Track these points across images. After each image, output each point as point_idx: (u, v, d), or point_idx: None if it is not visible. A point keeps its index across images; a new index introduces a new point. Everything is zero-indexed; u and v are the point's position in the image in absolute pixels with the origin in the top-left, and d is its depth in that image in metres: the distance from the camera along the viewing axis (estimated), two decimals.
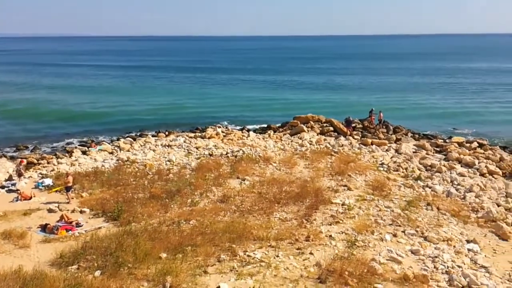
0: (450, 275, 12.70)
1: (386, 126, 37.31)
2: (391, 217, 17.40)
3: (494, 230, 17.18)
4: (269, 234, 14.83)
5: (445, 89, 69.66)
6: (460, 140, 32.72)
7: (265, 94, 64.96)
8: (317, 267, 12.65)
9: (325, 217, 17.06)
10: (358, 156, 27.50)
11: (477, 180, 23.90)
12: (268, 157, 25.80)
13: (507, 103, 56.35)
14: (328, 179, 22.29)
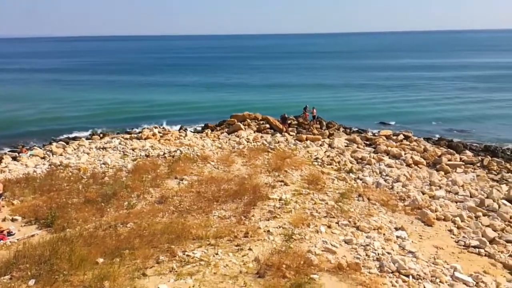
0: (380, 262, 13.22)
1: (320, 122, 38.22)
2: (326, 209, 17.85)
3: (419, 217, 18.09)
4: (208, 233, 14.79)
5: (374, 85, 72.27)
6: (387, 133, 34.13)
7: (202, 94, 64.69)
8: (256, 262, 12.77)
9: (263, 212, 17.23)
10: (294, 152, 27.98)
11: (403, 170, 25.05)
12: (206, 156, 25.70)
13: (430, 97, 59.45)
14: (266, 176, 22.52)
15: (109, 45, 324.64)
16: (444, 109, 51.34)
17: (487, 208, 19.86)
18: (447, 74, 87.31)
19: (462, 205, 20.08)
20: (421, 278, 12.50)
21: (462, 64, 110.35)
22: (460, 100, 57.33)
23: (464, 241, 16.20)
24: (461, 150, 30.87)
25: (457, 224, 17.86)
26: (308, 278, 11.90)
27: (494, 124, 43.12)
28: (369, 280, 12.06)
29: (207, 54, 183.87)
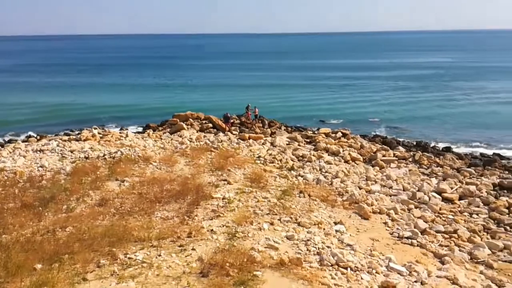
0: (320, 256, 13.54)
1: (262, 121, 38.54)
2: (268, 206, 18.02)
3: (357, 211, 18.70)
4: (151, 234, 14.55)
5: (313, 85, 73.80)
6: (326, 131, 34.96)
7: (143, 94, 63.69)
8: (199, 262, 12.71)
9: (207, 212, 17.17)
10: (237, 151, 28.04)
11: (342, 166, 25.77)
12: (147, 157, 25.24)
13: (366, 96, 61.54)
14: (209, 175, 22.44)
15: (38, 44, 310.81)
16: (379, 107, 53.25)
17: (418, 201, 20.83)
18: (381, 74, 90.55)
19: (396, 199, 20.94)
20: (359, 270, 12.93)
21: (395, 64, 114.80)
22: (393, 99, 59.70)
23: (398, 233, 16.92)
24: (394, 146, 32.15)
25: (392, 216, 18.61)
26: (251, 275, 12.00)
27: (424, 121, 45.20)
28: (310, 274, 12.32)
29: (147, 54, 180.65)
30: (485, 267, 14.84)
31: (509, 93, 61.32)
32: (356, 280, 12.35)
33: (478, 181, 24.56)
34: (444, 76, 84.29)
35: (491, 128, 41.32)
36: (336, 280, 12.24)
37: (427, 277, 13.02)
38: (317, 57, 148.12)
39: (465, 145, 36.13)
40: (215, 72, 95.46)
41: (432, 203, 20.58)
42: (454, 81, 75.83)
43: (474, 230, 18.01)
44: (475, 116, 47.21)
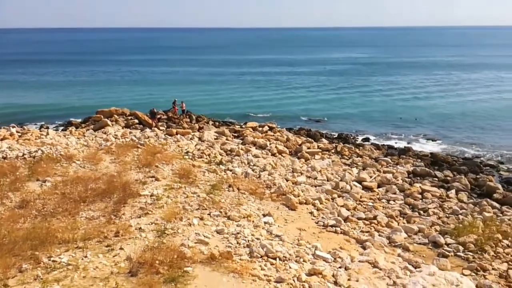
0: (250, 248, 13.65)
1: (189, 115, 38.13)
2: (198, 202, 17.87)
3: (284, 202, 19.07)
4: (76, 235, 13.92)
5: (240, 80, 74.26)
6: (253, 125, 35.28)
7: (64, 91, 60.84)
8: (128, 261, 12.35)
9: (134, 210, 16.71)
10: (164, 147, 27.54)
11: (269, 159, 26.14)
12: (70, 155, 24.10)
13: (291, 91, 62.86)
14: (136, 172, 21.85)
15: None
16: (303, 101, 54.66)
17: (341, 190, 21.62)
18: (303, 69, 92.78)
19: (321, 189, 21.58)
20: (287, 259, 13.18)
21: (316, 59, 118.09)
22: (315, 92, 61.49)
23: (323, 222, 17.47)
24: (318, 139, 33.13)
25: (317, 206, 19.18)
26: (182, 271, 11.86)
27: (344, 114, 47.06)
28: (240, 267, 12.39)
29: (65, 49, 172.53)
30: (402, 250, 15.71)
31: (418, 87, 65.15)
32: (285, 269, 12.59)
33: (394, 170, 25.93)
34: (361, 71, 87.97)
35: (404, 120, 43.65)
36: (265, 270, 12.40)
37: (351, 262, 13.55)
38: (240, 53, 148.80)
39: (381, 136, 37.95)
40: (138, 68, 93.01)
41: (354, 191, 21.45)
42: (370, 76, 79.45)
43: (391, 215, 19.00)
44: (389, 108, 49.74)
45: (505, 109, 48.08)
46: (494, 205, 21.21)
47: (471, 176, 25.97)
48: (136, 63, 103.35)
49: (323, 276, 12.19)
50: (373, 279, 12.57)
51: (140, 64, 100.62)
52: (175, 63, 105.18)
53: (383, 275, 12.82)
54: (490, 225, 17.72)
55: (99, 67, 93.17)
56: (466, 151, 33.23)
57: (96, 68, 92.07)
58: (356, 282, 12.20)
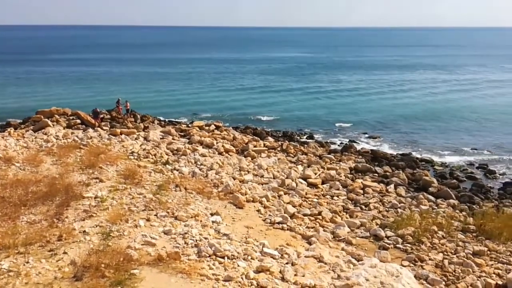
0: (198, 247, 13.56)
1: (134, 115, 37.32)
2: (144, 202, 17.52)
3: (232, 201, 19.09)
4: (17, 241, 13.26)
5: (185, 78, 73.57)
6: (200, 124, 35.06)
7: None
8: (72, 266, 11.94)
9: (78, 212, 16.14)
10: (108, 147, 26.77)
11: (216, 158, 26.06)
12: (9, 157, 22.93)
13: (237, 88, 62.94)
14: (79, 174, 21.10)
15: None
16: (249, 99, 54.92)
17: (287, 187, 21.93)
18: (249, 67, 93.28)
19: (267, 187, 21.80)
20: (235, 258, 13.21)
21: (261, 58, 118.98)
22: (261, 90, 62.04)
23: (270, 219, 17.65)
24: (264, 137, 33.43)
25: (264, 204, 19.36)
26: (129, 274, 11.60)
27: (288, 112, 47.71)
28: (188, 267, 12.29)
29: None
30: (346, 244, 16.18)
31: (360, 87, 67.19)
32: (233, 268, 12.61)
33: (337, 166, 26.62)
34: (306, 70, 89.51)
35: (346, 119, 44.87)
36: (214, 270, 12.37)
37: (297, 258, 13.78)
38: (187, 51, 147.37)
39: (324, 133, 38.83)
40: (79, 67, 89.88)
41: (299, 188, 21.83)
42: (314, 75, 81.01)
43: (335, 211, 19.51)
44: (332, 107, 50.99)
45: (438, 108, 50.48)
46: (430, 198, 22.31)
47: (408, 171, 27.13)
48: (76, 62, 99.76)
49: (270, 273, 12.32)
50: (319, 273, 12.86)
51: (80, 63, 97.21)
52: (118, 61, 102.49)
53: (328, 269, 13.14)
54: (426, 217, 18.61)
55: (36, 67, 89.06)
56: (404, 147, 34.65)
57: (34, 67, 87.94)
58: (303, 277, 12.42)
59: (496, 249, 16.38)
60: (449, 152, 33.45)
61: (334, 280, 12.47)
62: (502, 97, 57.57)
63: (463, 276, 14.21)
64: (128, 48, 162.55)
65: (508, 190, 25.12)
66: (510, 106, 51.11)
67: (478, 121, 43.38)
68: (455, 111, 48.23)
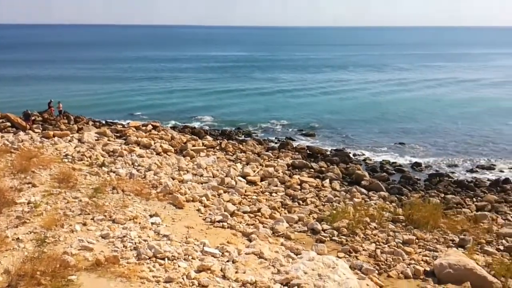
0: (138, 250, 13.32)
1: (67, 116, 35.84)
2: (80, 206, 16.94)
3: (171, 201, 18.87)
4: None
5: (119, 78, 71.75)
6: (136, 124, 34.32)
7: None
8: (6, 275, 11.37)
9: (10, 219, 15.34)
10: (41, 150, 25.57)
11: (154, 159, 25.65)
12: None
13: (172, 88, 62.23)
14: (10, 179, 20.01)
15: None
16: (186, 98, 54.51)
17: (227, 186, 22.01)
18: (188, 66, 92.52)
19: (207, 186, 21.76)
20: (176, 258, 13.10)
21: (197, 57, 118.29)
22: (199, 89, 61.72)
23: (210, 218, 17.65)
24: (203, 136, 33.32)
25: (204, 203, 19.31)
26: (66, 280, 11.23)
27: (226, 110, 47.91)
28: (128, 270, 12.06)
29: None
30: (285, 239, 16.51)
31: (295, 85, 68.58)
32: (174, 268, 12.52)
33: (275, 163, 27.05)
34: (241, 69, 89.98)
35: (282, 116, 45.67)
36: (154, 272, 12.22)
37: (238, 255, 13.89)
38: (120, 50, 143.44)
39: (262, 131, 39.33)
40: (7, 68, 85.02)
41: (239, 186, 21.98)
42: (250, 73, 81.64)
43: (274, 207, 19.84)
44: (269, 105, 51.70)
45: (368, 105, 52.60)
46: (362, 191, 23.25)
47: (342, 166, 28.11)
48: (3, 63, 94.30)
49: (211, 272, 12.34)
50: (259, 269, 13.05)
51: (7, 64, 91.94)
52: (47, 62, 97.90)
53: (268, 264, 13.36)
54: (359, 209, 19.37)
55: None
56: (337, 143, 35.83)
57: None
58: (244, 274, 12.56)
59: (424, 237, 17.34)
60: (380, 146, 34.99)
61: (274, 275, 12.71)
62: (427, 95, 60.78)
63: (394, 264, 14.92)
64: (62, 47, 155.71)
65: (433, 181, 26.68)
66: (434, 102, 54.12)
67: (404, 117, 45.61)
68: (384, 108, 50.45)
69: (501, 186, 25.63)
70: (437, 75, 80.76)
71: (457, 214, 20.48)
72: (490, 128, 40.53)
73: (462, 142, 36.23)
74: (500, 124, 42.38)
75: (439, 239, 17.37)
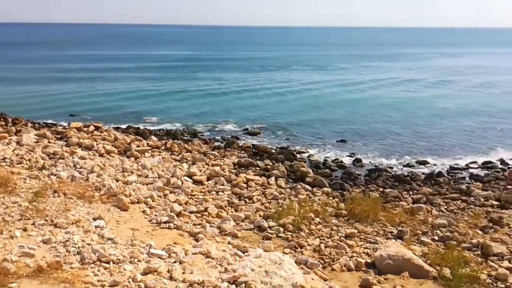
0: (81, 254, 12.93)
1: (4, 118, 34.02)
2: (19, 211, 16.19)
3: (116, 204, 18.42)
4: None
5: (58, 78, 69.12)
6: (78, 125, 33.12)
7: None
8: None
9: None
10: None
11: (97, 160, 24.91)
12: None
13: (114, 88, 60.70)
14: None
15: None
16: (130, 97, 53.40)
17: (173, 186, 21.79)
18: (130, 65, 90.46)
19: (152, 186, 21.41)
20: (121, 262, 12.83)
21: (139, 56, 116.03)
22: (142, 89, 60.62)
23: (156, 219, 17.42)
24: (147, 136, 32.77)
25: (149, 204, 19.00)
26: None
27: (172, 110, 47.31)
28: (71, 276, 11.69)
29: None
30: (232, 238, 16.58)
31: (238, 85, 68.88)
32: (119, 272, 12.26)
33: (221, 162, 27.07)
34: (185, 68, 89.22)
35: (227, 115, 45.78)
36: (99, 276, 11.92)
37: (185, 256, 13.80)
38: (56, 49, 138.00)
39: (207, 130, 39.24)
40: None
41: (185, 186, 21.80)
42: (194, 73, 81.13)
43: (221, 206, 19.84)
44: (213, 104, 51.67)
45: (310, 103, 53.77)
46: (306, 187, 23.74)
47: (287, 163, 28.57)
48: None
49: (158, 273, 12.20)
50: (207, 269, 13.04)
51: None
52: None
53: (215, 263, 13.37)
54: (304, 206, 19.75)
55: None
56: (282, 141, 36.37)
57: None
58: (191, 274, 12.50)
59: (365, 230, 17.97)
60: (322, 144, 35.85)
61: (221, 274, 12.75)
62: (366, 94, 62.88)
63: (337, 258, 15.36)
64: None
65: (373, 176, 27.72)
66: (373, 102, 56.07)
67: (345, 116, 46.78)
68: (326, 107, 51.59)
69: (435, 179, 27.00)
70: (376, 75, 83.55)
71: (395, 207, 21.30)
72: (424, 126, 42.49)
73: (399, 138, 37.78)
74: (433, 121, 44.56)
75: (379, 231, 18.06)
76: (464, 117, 45.98)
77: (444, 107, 51.90)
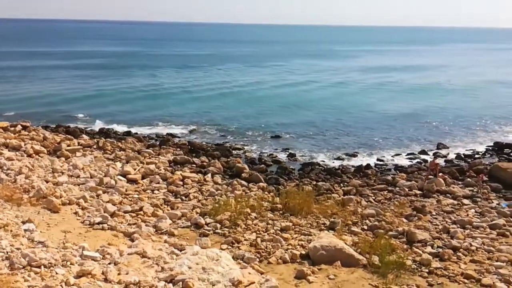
0: (10, 260, 12.28)
1: None
2: None
3: (46, 206, 17.65)
4: None
5: None
6: (4, 125, 31.21)
7: None
8: None
9: None
10: None
11: (25, 161, 23.65)
12: None
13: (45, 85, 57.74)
14: None
15: None
16: (59, 95, 51.12)
17: (106, 186, 21.19)
18: (61, 62, 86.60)
19: (84, 187, 20.69)
20: (53, 265, 12.33)
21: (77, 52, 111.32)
22: (72, 86, 58.39)
23: (89, 220, 16.90)
24: (78, 135, 31.51)
25: (81, 205, 18.38)
26: None
27: (107, 108, 45.78)
28: (0, 282, 11.09)
29: None
30: (168, 236, 16.44)
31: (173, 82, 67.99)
32: (51, 276, 11.78)
33: (156, 160, 26.65)
34: (117, 65, 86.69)
35: (163, 111, 45.08)
36: (30, 281, 11.38)
37: (120, 257, 13.50)
38: None
39: (142, 128, 38.39)
40: None
41: (119, 186, 21.27)
42: (126, 69, 79.09)
43: (156, 204, 19.59)
44: (149, 102, 50.66)
45: (246, 98, 54.25)
46: (243, 183, 23.96)
47: (223, 160, 28.62)
48: None
49: (92, 276, 11.85)
50: (143, 268, 12.83)
51: None
52: None
53: (151, 263, 13.19)
54: (240, 201, 19.95)
55: None
56: (218, 138, 36.36)
57: None
58: (126, 275, 12.25)
59: (299, 223, 18.47)
60: (257, 140, 36.23)
61: (158, 273, 12.61)
62: (299, 90, 64.20)
63: (273, 251, 15.71)
64: None
65: (306, 170, 28.42)
66: (305, 97, 57.38)
67: (279, 112, 47.30)
68: (260, 103, 52.14)
69: (364, 171, 28.16)
70: (309, 73, 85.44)
71: (327, 199, 21.99)
72: (352, 120, 44.12)
73: (330, 133, 38.92)
74: (361, 116, 46.40)
75: (312, 223, 18.64)
76: (390, 114, 48.08)
77: (371, 103, 54.08)
